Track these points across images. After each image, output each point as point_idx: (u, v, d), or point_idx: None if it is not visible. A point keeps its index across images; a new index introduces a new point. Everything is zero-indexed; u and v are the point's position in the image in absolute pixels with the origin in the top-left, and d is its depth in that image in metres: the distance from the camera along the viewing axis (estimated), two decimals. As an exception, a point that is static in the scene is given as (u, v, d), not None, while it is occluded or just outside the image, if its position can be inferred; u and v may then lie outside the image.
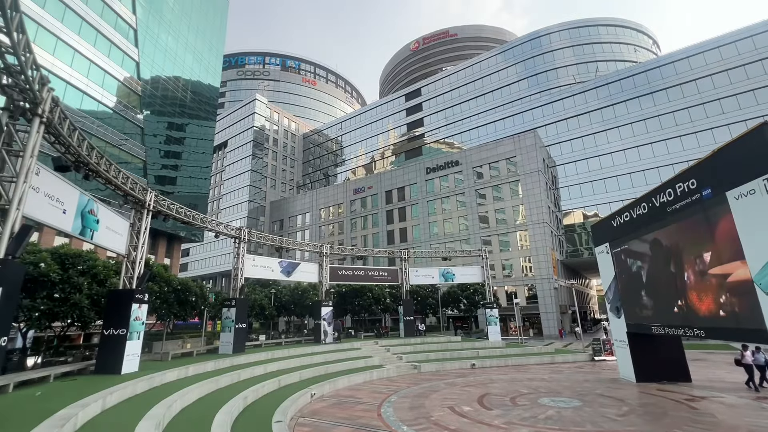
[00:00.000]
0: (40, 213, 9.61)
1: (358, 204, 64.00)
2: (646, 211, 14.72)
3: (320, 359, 20.65)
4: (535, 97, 61.32)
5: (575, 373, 19.67)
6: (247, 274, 22.42)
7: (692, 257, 12.24)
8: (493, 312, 29.74)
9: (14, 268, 7.69)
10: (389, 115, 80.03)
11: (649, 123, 50.60)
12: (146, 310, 14.60)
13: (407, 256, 31.29)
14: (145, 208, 15.44)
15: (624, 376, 17.45)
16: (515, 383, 17.24)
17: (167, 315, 21.71)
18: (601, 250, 18.96)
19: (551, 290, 43.85)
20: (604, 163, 52.54)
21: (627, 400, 13.46)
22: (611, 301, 18.38)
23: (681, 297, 12.97)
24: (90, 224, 11.88)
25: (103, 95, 35.78)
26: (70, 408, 8.23)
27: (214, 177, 79.61)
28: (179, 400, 10.55)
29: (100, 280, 16.45)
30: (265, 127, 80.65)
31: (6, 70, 7.60)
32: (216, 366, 16.11)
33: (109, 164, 12.72)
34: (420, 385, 17.18)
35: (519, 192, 48.65)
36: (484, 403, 13.45)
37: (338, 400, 14.53)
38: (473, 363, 22.76)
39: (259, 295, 31.33)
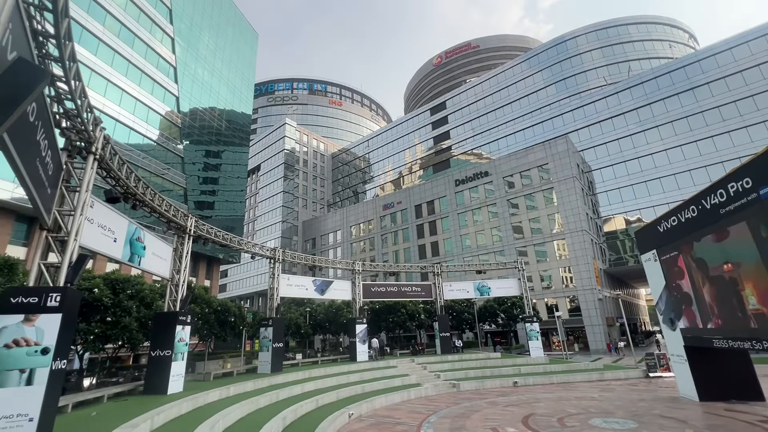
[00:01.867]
0: (94, 242, 10.34)
1: (388, 219, 64.18)
2: (696, 214, 13.72)
3: (356, 378, 20.49)
4: (565, 101, 59.74)
5: (629, 392, 18.30)
6: (283, 294, 22.86)
7: (754, 262, 11.20)
8: (533, 326, 28.46)
9: (72, 295, 8.26)
10: (415, 130, 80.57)
11: (692, 120, 47.74)
12: (189, 332, 15.17)
13: (440, 271, 30.79)
14: (186, 233, 16.24)
15: (684, 394, 16.01)
16: (562, 402, 16.25)
17: (208, 336, 22.47)
18: (648, 258, 17.79)
19: (595, 301, 41.50)
20: (644, 165, 49.87)
21: (690, 421, 12.30)
22: (664, 312, 17.10)
23: (745, 306, 11.85)
24: (138, 251, 12.62)
25: (147, 129, 38.51)
26: (122, 429, 8.58)
27: (249, 200, 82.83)
28: (221, 420, 10.76)
29: (146, 303, 17.36)
30: (295, 150, 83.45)
31: (65, 115, 8.36)
32: (255, 386, 16.35)
33: (154, 193, 13.55)
34: (460, 405, 16.58)
35: (554, 200, 47.01)
36: (529, 424, 12.74)
37: (376, 421, 14.27)
38: (515, 381, 21.75)
39: (295, 313, 31.79)
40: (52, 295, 7.75)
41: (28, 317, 7.57)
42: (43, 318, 7.63)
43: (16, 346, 7.37)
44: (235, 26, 58.64)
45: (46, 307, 7.67)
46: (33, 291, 7.84)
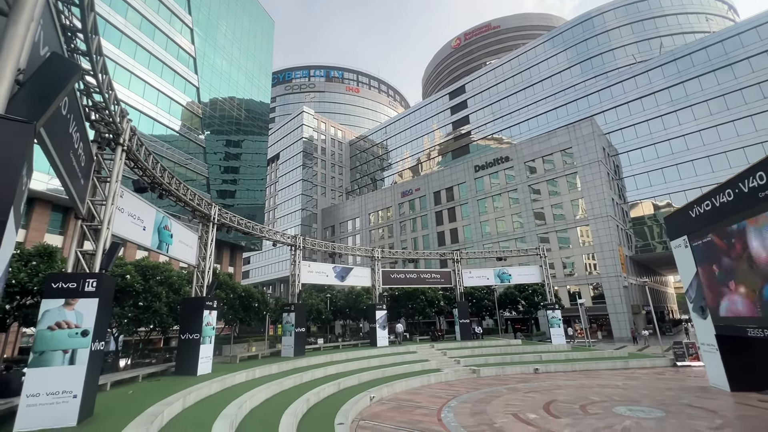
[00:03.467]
0: (124, 231, 10.77)
1: (407, 206, 64.00)
2: (732, 198, 13.04)
3: (377, 362, 20.84)
4: (590, 82, 57.29)
5: (655, 380, 17.92)
6: (304, 280, 23.32)
7: (795, 248, 10.61)
8: (555, 313, 28.09)
9: (107, 281, 8.68)
10: (433, 116, 79.30)
11: (729, 98, 44.95)
12: (216, 316, 15.73)
13: (459, 258, 30.63)
14: (210, 222, 16.69)
15: (715, 384, 15.55)
16: (584, 390, 16.09)
17: (234, 320, 23.27)
18: (678, 244, 17.13)
19: (620, 289, 40.48)
20: (675, 148, 47.56)
21: (721, 411, 11.96)
22: (694, 300, 16.51)
23: (783, 294, 11.29)
24: (165, 239, 13.08)
25: (170, 120, 39.39)
26: (157, 406, 9.06)
27: (269, 188, 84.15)
28: (248, 401, 11.20)
29: (175, 289, 18.08)
30: (313, 138, 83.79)
31: (94, 107, 8.63)
32: (279, 369, 16.90)
33: (179, 183, 13.93)
34: (480, 390, 16.67)
35: (577, 185, 45.62)
36: (551, 411, 12.70)
37: (397, 404, 14.54)
38: (536, 368, 21.64)
39: (316, 300, 32.44)
40: (88, 281, 8.16)
41: (68, 301, 8.01)
42: (81, 302, 8.06)
43: (59, 328, 7.83)
44: (251, 14, 58.62)
45: (84, 292, 8.10)
46: (72, 277, 8.28)
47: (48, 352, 7.67)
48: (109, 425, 7.49)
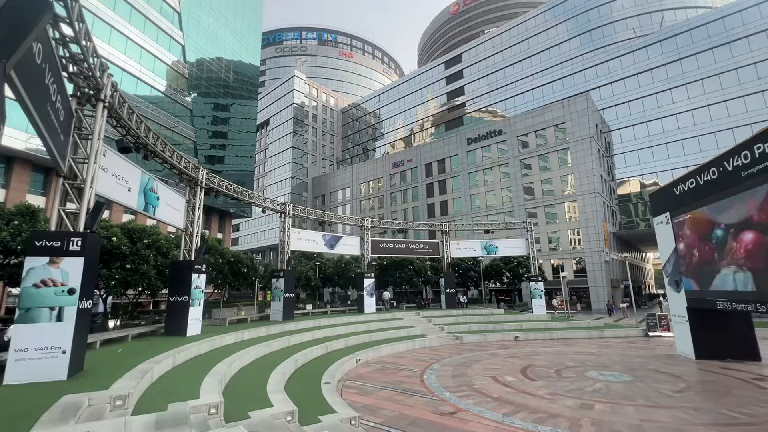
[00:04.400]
0: (109, 191, 10.56)
1: (398, 178, 63.75)
2: (716, 176, 13.33)
3: (364, 328, 21.46)
4: (588, 56, 56.24)
5: (627, 349, 18.92)
6: (293, 247, 23.44)
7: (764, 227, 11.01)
8: (538, 285, 29.00)
9: (93, 240, 8.60)
10: (428, 85, 77.49)
11: (724, 78, 44.79)
12: (204, 280, 15.83)
13: (448, 229, 31.00)
14: (198, 186, 16.44)
15: (682, 352, 16.51)
16: (560, 356, 16.94)
17: (223, 285, 23.48)
18: (660, 221, 17.60)
19: (602, 263, 41.76)
20: (666, 126, 47.72)
21: (684, 376, 12.78)
22: (670, 274, 17.19)
23: (754, 270, 11.81)
24: (152, 201, 12.89)
25: (154, 80, 37.75)
26: (147, 363, 9.28)
27: (258, 155, 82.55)
28: (237, 360, 11.52)
29: (163, 253, 18.05)
30: (304, 104, 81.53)
31: (71, 59, 8.20)
32: (268, 331, 17.29)
33: (165, 145, 13.56)
34: (462, 355, 17.41)
35: (568, 161, 45.81)
36: (527, 374, 13.40)
37: (382, 366, 15.14)
38: (516, 335, 22.58)
39: (305, 267, 32.79)
40: (73, 240, 8.09)
41: (53, 260, 7.96)
42: (66, 261, 8.01)
43: (44, 286, 7.83)
44: (240, -33, 55.16)
45: (69, 250, 8.03)
46: (55, 235, 8.18)
47: (34, 309, 7.70)
48: (100, 380, 7.67)
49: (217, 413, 7.18)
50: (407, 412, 9.51)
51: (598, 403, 9.97)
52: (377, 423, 8.74)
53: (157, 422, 6.09)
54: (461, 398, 10.55)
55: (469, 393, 11.06)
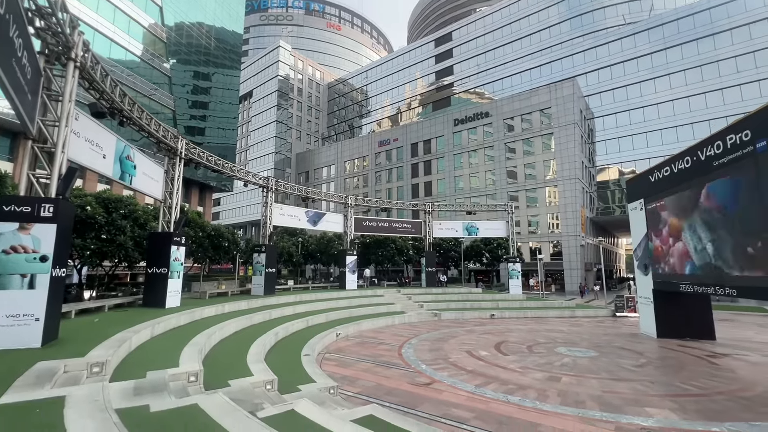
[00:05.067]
0: (82, 157, 10.14)
1: (383, 157, 63.34)
2: (689, 165, 13.81)
3: (345, 303, 21.76)
4: (578, 41, 56.18)
5: (595, 327, 19.90)
6: (275, 223, 23.25)
7: (733, 213, 11.59)
8: (515, 266, 29.86)
9: (66, 207, 8.31)
10: (417, 63, 76.12)
11: (706, 70, 45.71)
12: (184, 252, 15.61)
13: (431, 209, 31.29)
14: (177, 156, 15.95)
15: (645, 331, 17.50)
16: (533, 333, 17.70)
17: (203, 258, 23.21)
18: (634, 206, 18.23)
19: (577, 247, 43.18)
20: (648, 115, 48.71)
21: (645, 353, 13.61)
22: (640, 258, 17.98)
23: (715, 254, 12.49)
24: (128, 169, 12.47)
25: (130, 43, 35.76)
26: (125, 333, 9.22)
27: (241, 128, 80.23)
28: (218, 332, 11.56)
29: (140, 224, 17.61)
30: (289, 76, 79.00)
31: (38, 12, 7.67)
32: (249, 305, 17.33)
33: (141, 111, 13.01)
34: (440, 331, 17.96)
35: (551, 146, 46.41)
36: (501, 349, 13.99)
37: (362, 340, 15.50)
38: (492, 313, 23.37)
39: (287, 243, 32.68)
40: (45, 206, 7.80)
41: (23, 226, 7.68)
42: (38, 227, 7.75)
43: (14, 252, 7.57)
44: (222, -75, 51.87)
45: (40, 216, 7.75)
46: (25, 200, 7.86)
47: (5, 275, 7.47)
48: (76, 348, 7.60)
49: (197, 381, 7.26)
50: (384, 382, 9.85)
51: (565, 376, 10.55)
52: (355, 392, 9.03)
53: (135, 388, 6.13)
54: (437, 371, 10.97)
55: (444, 366, 11.50)
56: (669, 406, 8.18)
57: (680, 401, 8.55)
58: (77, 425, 4.11)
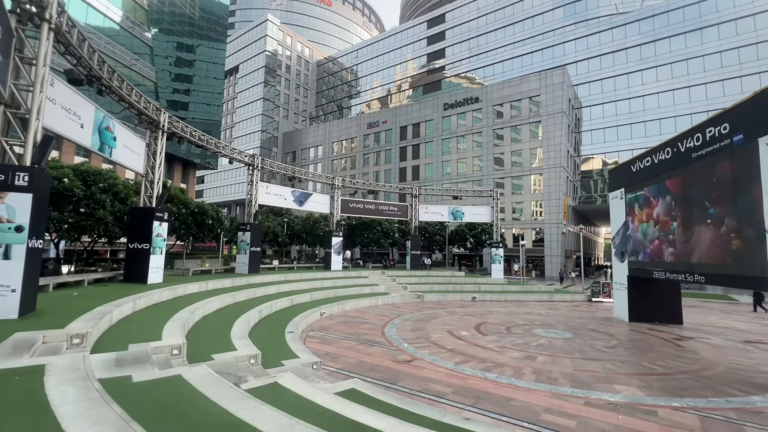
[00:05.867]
0: (59, 125, 9.74)
1: (372, 139, 62.77)
2: (670, 156, 14.20)
3: (330, 284, 21.92)
4: (570, 29, 56.00)
5: (571, 311, 20.64)
6: (261, 201, 22.99)
7: (706, 204, 12.04)
8: (498, 251, 30.46)
9: (42, 176, 8.03)
10: (409, 44, 74.73)
11: (692, 63, 46.38)
12: (166, 229, 15.36)
13: (418, 193, 31.41)
14: (159, 129, 15.48)
15: (618, 315, 18.26)
16: (512, 315, 18.26)
17: (186, 236, 22.85)
18: (615, 195, 18.71)
19: (559, 235, 44.22)
20: (633, 107, 49.40)
21: (617, 335, 14.25)
22: (617, 245, 18.58)
23: (687, 243, 13.02)
24: (108, 141, 12.06)
25: (108, 8, 33.94)
26: (106, 306, 9.13)
27: (226, 104, 77.96)
28: (201, 308, 11.54)
29: (121, 198, 17.16)
30: (277, 52, 76.60)
31: (7, -33, 7.22)
32: (233, 283, 17.30)
33: (122, 80, 12.50)
34: (422, 312, 18.34)
35: (539, 134, 46.78)
36: (480, 330, 14.42)
37: (345, 320, 15.72)
38: (474, 296, 23.94)
39: (273, 223, 32.42)
40: (19, 174, 7.52)
41: (-3, 194, 7.41)
42: (12, 196, 7.49)
43: (-12, 221, 7.33)
44: None
45: (15, 185, 7.49)
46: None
47: (-22, 245, 7.25)
48: (54, 320, 7.49)
49: (180, 354, 7.30)
50: (367, 359, 10.08)
51: (540, 355, 11.00)
52: (338, 368, 9.23)
53: (117, 359, 6.13)
54: (418, 349, 11.27)
55: (426, 345, 11.82)
56: (636, 384, 8.65)
57: (646, 379, 9.05)
58: (58, 392, 4.11)
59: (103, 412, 3.71)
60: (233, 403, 4.47)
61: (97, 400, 3.96)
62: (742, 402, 7.76)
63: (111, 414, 3.67)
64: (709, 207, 11.95)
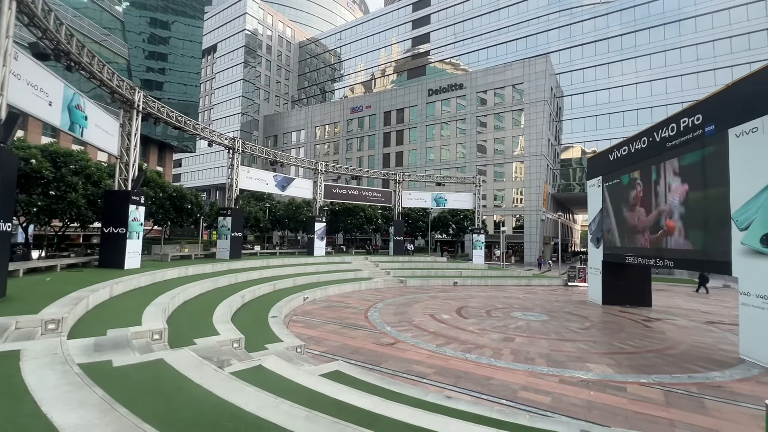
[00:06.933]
0: (25, 102, 9.22)
1: (355, 124, 62.03)
2: (645, 145, 14.64)
3: (313, 269, 21.91)
4: (554, 16, 56.16)
5: (548, 295, 21.35)
6: (242, 186, 22.56)
7: (678, 192, 12.55)
8: (479, 237, 31.02)
9: (7, 156, 7.63)
10: (393, 27, 73.42)
11: (669, 55, 47.47)
12: (143, 213, 14.92)
13: (401, 179, 31.45)
14: (134, 109, 14.85)
15: (592, 299, 19.02)
16: (492, 299, 18.76)
17: (164, 221, 22.27)
18: (592, 183, 19.23)
19: (538, 222, 45.28)
20: (613, 97, 50.41)
21: (590, 317, 14.88)
22: (593, 232, 19.21)
23: (659, 229, 13.59)
24: (78, 120, 11.50)
25: (75, -22, 31.88)
26: (81, 291, 8.88)
27: (204, 85, 75.19)
28: (181, 293, 11.38)
29: (94, 181, 16.52)
30: (257, 32, 73.96)
31: (-38, -72, 6.67)
32: (214, 268, 17.06)
33: (92, 56, 11.87)
34: (405, 297, 18.61)
35: (521, 122, 47.26)
36: (461, 313, 14.78)
37: (329, 304, 15.81)
38: (455, 281, 24.41)
39: (254, 208, 31.91)
40: (-17, 154, 7.13)
41: (-41, 175, 7.02)
42: (-23, 177, 7.11)
43: (-49, 203, 6.96)
44: None
45: (-21, 165, 7.11)
46: (-41, 147, 7.15)
47: (-60, 228, 6.88)
48: (27, 305, 7.25)
49: (161, 339, 7.21)
50: (350, 342, 10.21)
51: (518, 336, 11.40)
52: (321, 351, 9.33)
53: (96, 345, 6.02)
54: (401, 332, 11.48)
55: (408, 328, 12.05)
56: (606, 362, 9.10)
57: (616, 358, 9.54)
58: (36, 377, 4.02)
59: (84, 395, 3.66)
60: (217, 385, 4.49)
61: (78, 384, 3.90)
62: (702, 377, 8.30)
63: (93, 397, 3.62)
64: (681, 195, 12.47)
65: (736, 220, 9.90)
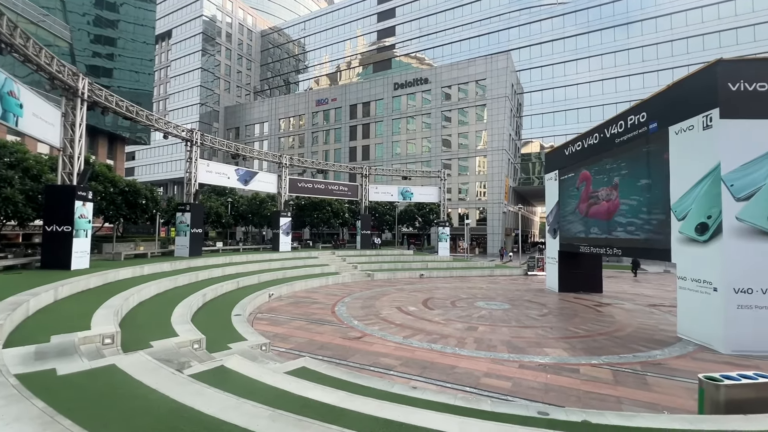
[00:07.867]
0: (-55, 88, 8.28)
1: (321, 117, 61.05)
2: (597, 141, 15.51)
3: (278, 265, 21.46)
4: (514, 15, 57.89)
5: (509, 284, 22.24)
6: (202, 180, 21.60)
7: (626, 185, 13.44)
8: (444, 230, 31.69)
9: (-74, 149, 6.84)
10: (359, 19, 72.64)
11: (619, 56, 50.45)
12: (92, 209, 13.92)
13: (368, 173, 31.40)
14: (78, 97, 13.74)
15: (549, 287, 20.03)
16: (457, 290, 19.28)
17: (115, 217, 20.92)
18: (550, 177, 20.16)
19: (500, 214, 46.93)
20: (569, 95, 52.93)
21: (548, 304, 15.69)
22: (551, 223, 20.18)
23: (609, 220, 14.51)
24: (12, 108, 10.48)
25: (5, -50, 28.79)
26: (20, 295, 8.18)
27: (159, 73, 70.88)
28: (136, 294, 10.76)
29: (33, 176, 15.24)
30: (216, 18, 70.56)
31: None
32: (173, 267, 16.28)
33: (27, 38, 10.83)
34: (372, 290, 18.70)
35: (484, 117, 48.55)
36: (427, 305, 15.09)
37: (295, 300, 15.59)
38: (422, 273, 24.84)
39: (215, 203, 30.67)
40: None
41: None
42: None
43: None
44: None
45: None
46: None
47: None
48: (-45, 313, 6.58)
49: (113, 344, 6.81)
50: (317, 338, 10.14)
51: (481, 325, 11.81)
52: (288, 348, 9.20)
53: (37, 353, 5.58)
54: (368, 325, 11.54)
55: (375, 321, 12.13)
56: (562, 347, 9.65)
57: (571, 342, 10.14)
58: (-34, 391, 3.67)
59: (22, 408, 3.39)
60: (175, 389, 4.31)
61: (14, 396, 3.60)
62: (645, 356, 9.01)
63: (32, 409, 3.36)
64: (628, 188, 13.35)
65: (675, 210, 10.76)
